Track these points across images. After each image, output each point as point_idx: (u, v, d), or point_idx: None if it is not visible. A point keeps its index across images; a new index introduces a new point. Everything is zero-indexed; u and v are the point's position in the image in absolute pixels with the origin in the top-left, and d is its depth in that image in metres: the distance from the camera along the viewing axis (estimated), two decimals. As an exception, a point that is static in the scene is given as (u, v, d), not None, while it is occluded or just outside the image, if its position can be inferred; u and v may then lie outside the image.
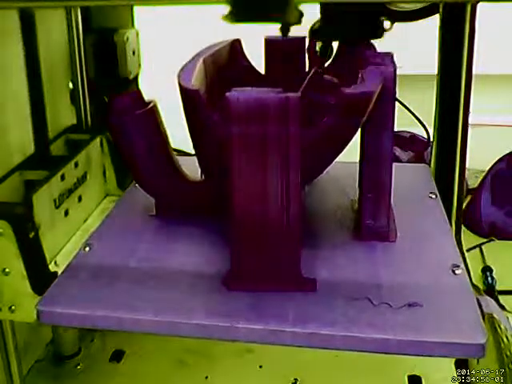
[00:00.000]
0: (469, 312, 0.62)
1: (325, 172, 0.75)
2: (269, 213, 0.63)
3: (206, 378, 0.90)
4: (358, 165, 0.78)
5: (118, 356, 0.95)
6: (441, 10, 1.01)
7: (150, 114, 0.77)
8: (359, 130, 0.71)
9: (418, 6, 1.00)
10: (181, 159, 0.84)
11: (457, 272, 0.68)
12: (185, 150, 1.53)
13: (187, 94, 0.67)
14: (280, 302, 0.63)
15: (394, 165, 0.74)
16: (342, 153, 0.71)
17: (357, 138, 0.72)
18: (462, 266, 0.69)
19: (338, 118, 0.66)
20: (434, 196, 0.88)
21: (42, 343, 0.96)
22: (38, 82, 0.99)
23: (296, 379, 0.89)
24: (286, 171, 0.62)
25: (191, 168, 0.81)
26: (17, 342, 0.83)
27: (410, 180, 0.93)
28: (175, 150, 1.52)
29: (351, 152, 0.73)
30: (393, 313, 0.61)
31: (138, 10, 1.26)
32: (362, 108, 0.67)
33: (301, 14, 0.52)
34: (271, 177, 0.62)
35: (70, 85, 1.14)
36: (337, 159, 0.72)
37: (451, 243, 0.75)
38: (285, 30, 0.63)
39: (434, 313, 0.61)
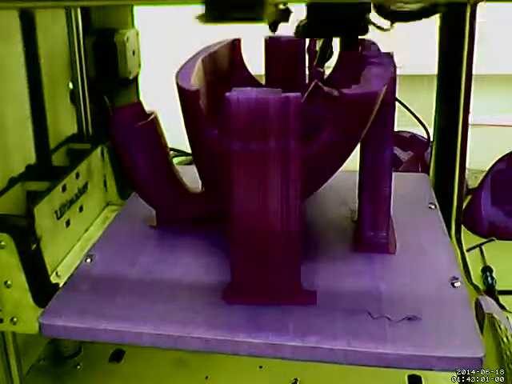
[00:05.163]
0: (467, 325, 0.62)
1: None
2: (268, 226, 0.63)
3: (206, 378, 0.90)
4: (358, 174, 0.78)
5: (118, 356, 0.94)
6: (441, 10, 1.01)
7: (151, 126, 0.78)
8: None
9: (418, 6, 1.00)
10: (182, 169, 0.84)
11: (456, 285, 0.68)
12: (185, 150, 1.53)
13: (185, 95, 0.67)
14: (280, 315, 0.64)
15: (394, 174, 0.74)
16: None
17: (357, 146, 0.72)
18: (461, 278, 0.69)
19: (339, 129, 0.65)
20: (433, 207, 0.88)
21: (42, 343, 0.96)
22: (38, 84, 0.99)
23: (296, 379, 0.89)
24: (286, 183, 0.62)
25: (192, 178, 0.80)
26: (17, 342, 0.83)
27: (409, 190, 0.93)
28: (175, 149, 1.52)
29: (352, 160, 0.72)
30: (392, 326, 0.61)
31: (138, 10, 1.26)
32: (365, 111, 0.66)
33: (285, 12, 0.51)
34: (271, 187, 0.62)
35: (70, 85, 1.15)
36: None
37: (450, 256, 0.75)
38: (272, 27, 0.62)
39: (432, 326, 0.62)
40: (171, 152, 1.00)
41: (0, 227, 0.75)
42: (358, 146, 0.72)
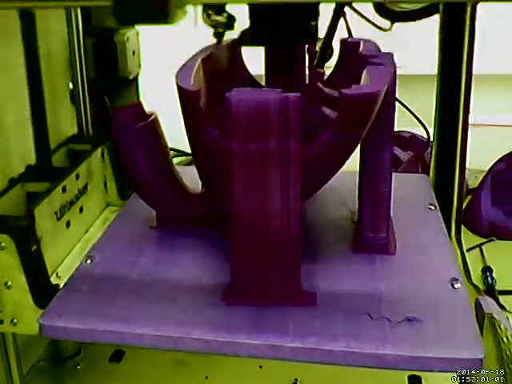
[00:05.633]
0: (467, 327, 0.62)
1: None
2: (268, 227, 0.63)
3: (206, 377, 0.90)
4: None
5: (118, 356, 0.94)
6: (441, 9, 1.01)
7: (151, 126, 0.77)
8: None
9: (418, 6, 1.00)
10: (182, 170, 0.83)
11: (456, 286, 0.68)
12: (185, 150, 1.53)
13: (185, 95, 0.67)
14: (280, 316, 0.63)
15: (394, 175, 0.73)
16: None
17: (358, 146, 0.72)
18: (461, 279, 0.69)
19: (339, 129, 0.64)
20: (433, 207, 0.88)
21: (42, 344, 0.96)
22: (38, 84, 0.99)
23: (296, 379, 0.89)
24: (286, 183, 0.61)
25: (192, 178, 0.80)
26: (17, 342, 0.83)
27: (409, 191, 0.93)
28: (175, 149, 1.52)
29: (352, 160, 0.72)
30: (392, 328, 0.61)
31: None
32: (365, 111, 0.65)
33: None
34: (271, 188, 0.62)
35: (70, 85, 1.15)
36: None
37: (450, 256, 0.75)
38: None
39: (432, 328, 0.61)
40: (171, 152, 1.00)
41: (0, 228, 0.75)
42: (358, 146, 0.72)
